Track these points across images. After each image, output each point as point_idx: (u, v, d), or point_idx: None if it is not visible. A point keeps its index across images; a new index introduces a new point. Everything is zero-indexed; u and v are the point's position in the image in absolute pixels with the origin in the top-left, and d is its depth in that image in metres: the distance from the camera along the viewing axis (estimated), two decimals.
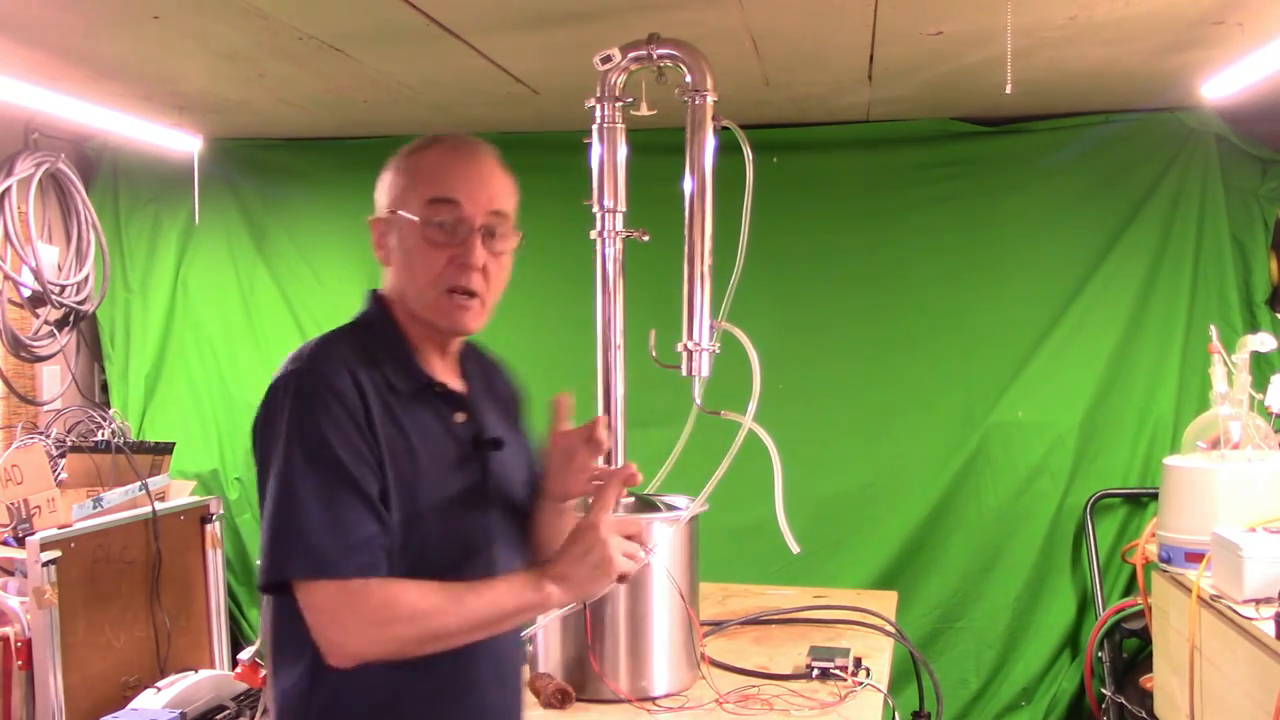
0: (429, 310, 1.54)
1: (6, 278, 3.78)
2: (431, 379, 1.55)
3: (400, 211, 1.53)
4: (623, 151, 2.29)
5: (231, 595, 4.28)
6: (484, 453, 1.57)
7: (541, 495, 1.67)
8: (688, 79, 2.27)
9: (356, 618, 1.39)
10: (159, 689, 2.93)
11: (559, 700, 2.17)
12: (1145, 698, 3.41)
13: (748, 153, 2.26)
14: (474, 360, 1.68)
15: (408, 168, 1.56)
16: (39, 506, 3.38)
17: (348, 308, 1.67)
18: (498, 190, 1.55)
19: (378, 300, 1.61)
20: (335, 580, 1.40)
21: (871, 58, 3.15)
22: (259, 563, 1.46)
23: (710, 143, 2.26)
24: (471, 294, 1.52)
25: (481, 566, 1.52)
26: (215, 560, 3.69)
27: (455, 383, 1.61)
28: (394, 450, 1.47)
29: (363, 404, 1.45)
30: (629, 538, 1.50)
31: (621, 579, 1.50)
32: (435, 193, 1.51)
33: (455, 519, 1.53)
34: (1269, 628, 2.36)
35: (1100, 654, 3.70)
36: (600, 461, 1.65)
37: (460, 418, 1.57)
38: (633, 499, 2.33)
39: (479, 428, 1.58)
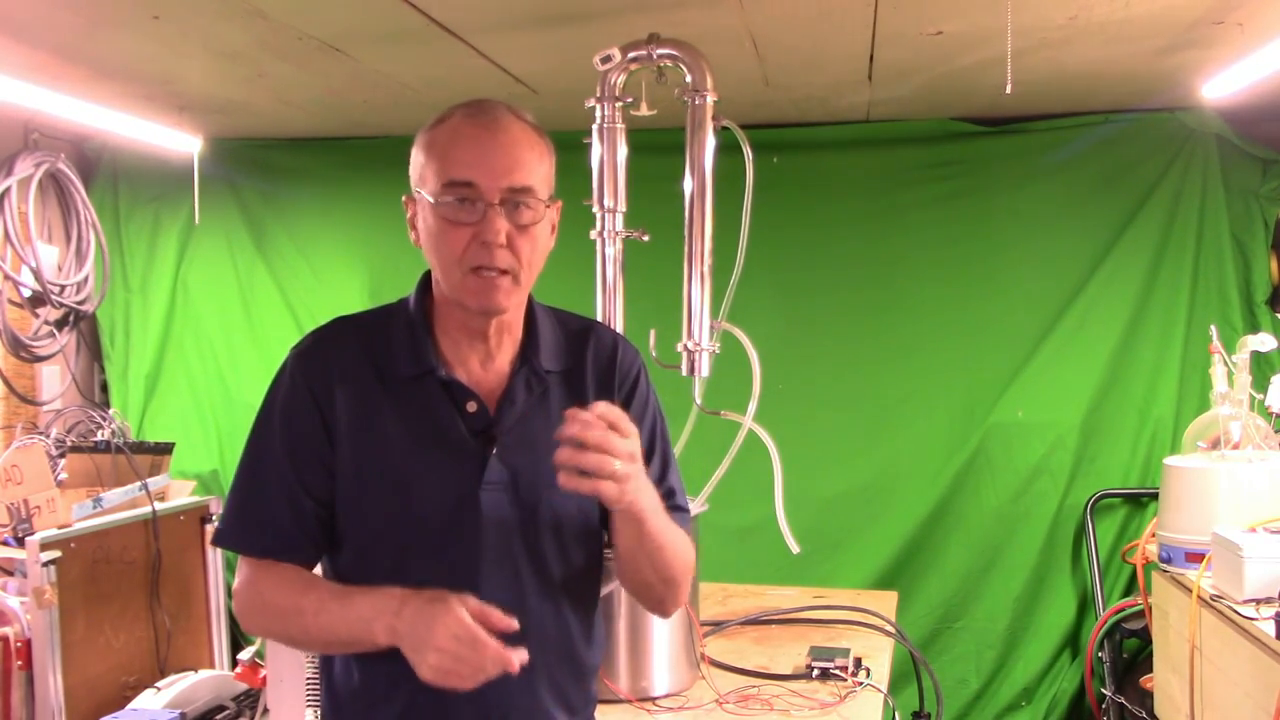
0: (457, 291, 1.44)
1: (6, 278, 3.77)
2: (432, 365, 1.46)
3: (420, 191, 1.46)
4: (623, 151, 2.29)
5: (231, 595, 4.27)
6: (486, 446, 1.45)
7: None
8: (688, 79, 2.27)
9: (237, 596, 1.51)
10: (159, 689, 2.92)
11: None
12: (1145, 698, 3.41)
13: (748, 153, 2.26)
14: (561, 347, 1.56)
15: (428, 143, 1.46)
16: (39, 506, 3.37)
17: (348, 307, 1.67)
18: (516, 162, 1.42)
19: (423, 281, 1.54)
20: (235, 552, 1.52)
21: (871, 58, 3.15)
22: None
23: (710, 143, 2.26)
24: (499, 270, 1.42)
25: (462, 566, 1.43)
26: (215, 560, 3.68)
27: (485, 368, 1.50)
28: (360, 442, 1.45)
29: (326, 394, 1.45)
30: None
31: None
32: (451, 174, 1.42)
33: (437, 515, 1.44)
34: (1269, 628, 2.36)
35: (1100, 654, 3.70)
36: None
37: (472, 407, 1.46)
38: None
39: (489, 421, 1.46)
